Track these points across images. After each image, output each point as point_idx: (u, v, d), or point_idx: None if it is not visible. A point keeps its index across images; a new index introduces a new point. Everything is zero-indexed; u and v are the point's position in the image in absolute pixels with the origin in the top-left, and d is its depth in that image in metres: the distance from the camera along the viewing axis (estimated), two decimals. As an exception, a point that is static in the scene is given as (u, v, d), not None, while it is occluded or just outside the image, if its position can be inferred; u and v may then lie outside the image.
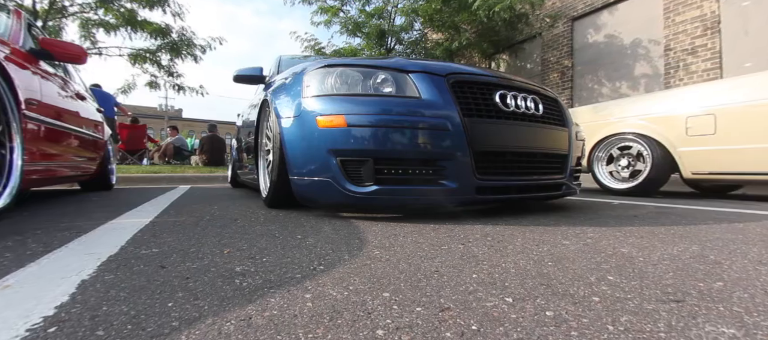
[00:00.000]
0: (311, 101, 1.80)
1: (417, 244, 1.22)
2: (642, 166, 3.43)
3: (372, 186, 1.65)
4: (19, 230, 1.46)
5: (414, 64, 1.84)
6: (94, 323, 0.60)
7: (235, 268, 0.93)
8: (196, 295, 0.74)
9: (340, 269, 0.92)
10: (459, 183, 1.67)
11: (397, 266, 0.95)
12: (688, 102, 3.16)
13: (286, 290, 0.77)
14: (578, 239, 1.31)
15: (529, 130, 1.90)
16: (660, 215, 1.95)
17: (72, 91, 3.19)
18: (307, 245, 1.19)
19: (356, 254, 1.08)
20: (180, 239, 1.29)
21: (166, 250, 1.12)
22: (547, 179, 1.99)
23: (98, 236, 1.35)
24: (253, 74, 3.11)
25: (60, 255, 1.05)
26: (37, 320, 0.61)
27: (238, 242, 1.23)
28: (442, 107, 1.67)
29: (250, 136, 3.56)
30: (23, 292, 0.75)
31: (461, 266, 0.95)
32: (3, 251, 1.10)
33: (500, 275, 0.87)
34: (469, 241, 1.26)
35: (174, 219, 1.74)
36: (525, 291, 0.76)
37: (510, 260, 1.01)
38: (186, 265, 0.96)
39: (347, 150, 1.67)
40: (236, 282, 0.82)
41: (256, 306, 0.68)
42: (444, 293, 0.75)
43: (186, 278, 0.84)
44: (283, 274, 0.88)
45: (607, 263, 0.99)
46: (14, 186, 1.89)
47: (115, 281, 0.82)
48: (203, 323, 0.61)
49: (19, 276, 0.85)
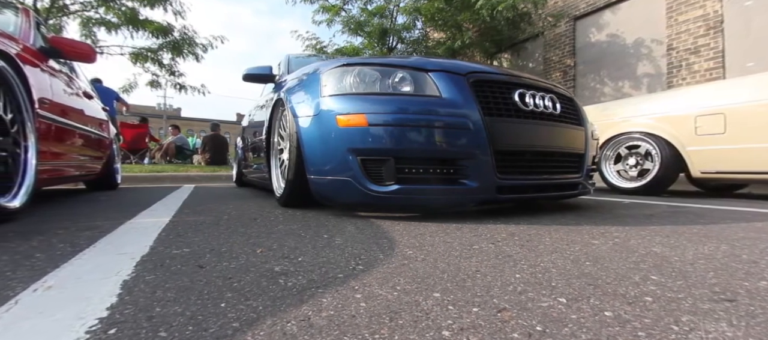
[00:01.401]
0: (330, 100, 1.79)
1: (446, 243, 1.21)
2: (650, 165, 3.44)
3: (393, 185, 1.64)
4: (39, 229, 1.45)
5: (433, 62, 1.84)
6: (153, 325, 0.59)
7: (274, 268, 0.92)
8: (245, 295, 0.73)
9: (379, 269, 0.92)
10: (480, 182, 1.67)
11: (436, 265, 0.95)
12: (698, 101, 3.17)
13: (334, 289, 0.76)
14: (605, 238, 1.30)
15: (548, 130, 1.90)
16: (676, 215, 1.95)
17: (79, 90, 3.17)
18: (336, 245, 1.18)
19: (390, 253, 1.07)
20: (207, 238, 1.28)
21: (197, 250, 1.11)
22: (564, 178, 1.99)
23: (122, 235, 1.34)
24: (262, 73, 3.10)
25: (91, 255, 1.04)
26: (93, 322, 0.60)
27: (266, 242, 1.22)
28: (463, 106, 1.67)
29: (257, 136, 3.56)
30: (68, 293, 0.74)
31: (500, 265, 0.95)
32: (31, 251, 1.09)
33: (543, 275, 0.87)
34: (497, 240, 1.26)
35: (193, 219, 1.73)
36: (575, 291, 0.76)
37: (547, 260, 1.01)
38: (223, 265, 0.95)
39: (368, 149, 1.66)
40: (281, 282, 0.81)
41: (311, 306, 0.67)
42: (494, 293, 0.75)
43: (228, 278, 0.84)
44: (324, 274, 0.87)
45: (645, 263, 0.98)
46: (30, 185, 1.88)
47: (158, 281, 0.81)
48: (263, 323, 0.60)
49: (57, 277, 0.84)
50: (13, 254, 1.05)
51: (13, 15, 2.52)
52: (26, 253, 1.06)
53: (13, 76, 1.80)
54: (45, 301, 0.69)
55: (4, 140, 1.71)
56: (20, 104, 1.87)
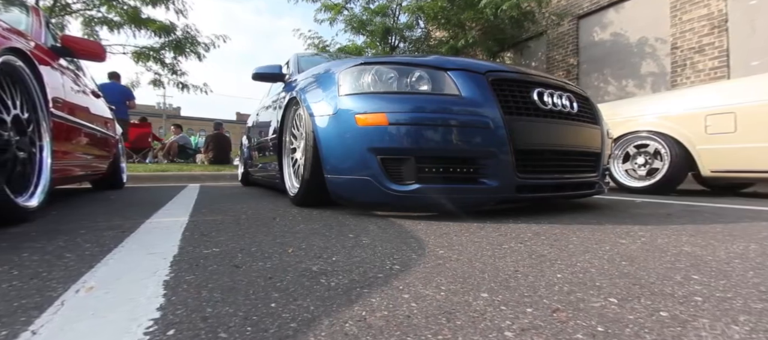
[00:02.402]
0: (347, 100, 1.79)
1: (474, 243, 1.21)
2: (659, 164, 3.44)
3: (414, 185, 1.64)
4: (61, 229, 1.44)
5: (452, 61, 1.83)
6: (210, 326, 0.59)
7: (311, 267, 0.92)
8: (292, 295, 0.72)
9: (417, 268, 0.91)
10: (500, 182, 1.66)
11: (473, 265, 0.94)
12: (708, 100, 3.17)
13: (379, 289, 0.76)
14: (632, 238, 1.30)
15: (566, 128, 1.90)
16: (694, 214, 1.95)
17: (87, 89, 3.16)
18: (365, 245, 1.17)
19: (421, 253, 1.07)
20: (232, 238, 1.27)
21: (227, 249, 1.10)
22: (581, 177, 1.98)
23: (146, 235, 1.33)
24: (272, 72, 3.09)
25: (122, 255, 1.03)
26: (147, 323, 0.60)
27: (293, 241, 1.22)
28: (484, 105, 1.66)
29: (264, 136, 3.55)
30: (112, 294, 0.73)
31: (537, 265, 0.94)
32: (59, 250, 1.08)
33: (584, 275, 0.86)
34: (524, 240, 1.25)
35: (211, 218, 1.72)
36: (622, 291, 0.75)
37: (582, 260, 1.00)
38: (258, 265, 0.94)
39: (388, 148, 1.65)
40: (323, 282, 0.81)
41: (362, 307, 0.67)
42: (541, 293, 0.74)
43: (269, 278, 0.83)
44: (363, 273, 0.87)
45: (680, 262, 0.98)
46: (46, 184, 1.87)
47: (198, 281, 0.81)
48: (320, 323, 0.60)
49: (95, 277, 0.84)
50: (43, 253, 1.05)
51: (23, 14, 2.50)
52: (56, 253, 1.05)
53: (29, 75, 1.79)
54: (92, 302, 0.69)
55: (21, 140, 1.70)
56: (35, 103, 1.87)
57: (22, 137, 1.72)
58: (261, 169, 3.73)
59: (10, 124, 1.61)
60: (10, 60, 1.61)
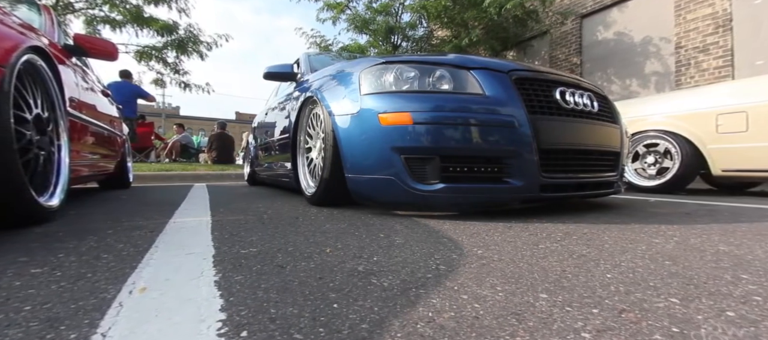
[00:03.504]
0: (370, 99, 1.78)
1: (507, 242, 1.20)
2: (669, 163, 3.44)
3: (438, 184, 1.63)
4: (87, 229, 1.43)
5: (474, 60, 1.83)
6: (280, 327, 0.58)
7: (356, 267, 0.91)
8: (350, 296, 0.72)
9: (463, 269, 0.91)
10: (524, 181, 1.66)
11: (517, 265, 0.94)
12: (719, 99, 3.17)
13: (435, 290, 0.75)
14: (664, 237, 1.30)
15: (587, 128, 1.89)
16: (714, 213, 1.95)
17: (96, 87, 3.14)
18: (400, 245, 1.17)
19: (461, 253, 1.06)
20: (263, 238, 1.26)
21: (264, 249, 1.09)
22: (601, 176, 1.98)
23: (175, 235, 1.32)
24: (284, 71, 3.08)
25: (161, 256, 1.02)
26: (216, 324, 0.59)
27: (327, 241, 1.21)
28: (508, 104, 1.66)
29: (272, 136, 3.54)
30: (167, 295, 0.72)
31: (582, 265, 0.94)
32: (95, 251, 1.07)
33: (634, 275, 0.86)
34: (557, 239, 1.25)
35: (234, 218, 1.71)
36: (680, 291, 0.75)
37: (624, 259, 1.00)
38: (302, 265, 0.94)
39: (412, 147, 1.65)
40: (375, 282, 0.80)
41: (426, 307, 0.66)
42: (600, 293, 0.74)
43: (319, 279, 0.82)
44: (412, 273, 0.86)
45: (723, 262, 0.98)
46: (65, 184, 1.86)
47: (249, 282, 0.80)
48: (391, 324, 0.59)
49: (143, 279, 0.83)
50: (78, 254, 1.04)
51: (36, 13, 2.48)
52: (91, 253, 1.04)
53: (48, 74, 1.78)
54: (149, 303, 0.68)
55: (42, 139, 1.69)
56: (54, 102, 1.85)
57: (43, 137, 1.71)
58: (268, 168, 3.72)
59: (32, 123, 1.60)
60: (32, 59, 1.60)
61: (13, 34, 1.47)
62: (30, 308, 0.66)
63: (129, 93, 6.34)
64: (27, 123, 1.56)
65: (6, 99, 1.32)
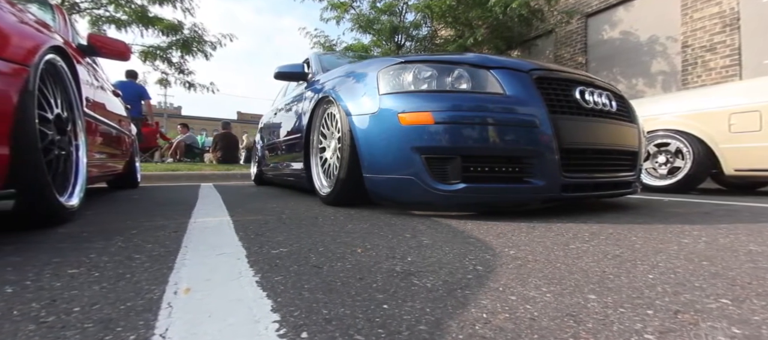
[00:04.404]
0: (389, 99, 1.77)
1: (536, 242, 1.20)
2: (681, 163, 3.43)
3: (459, 184, 1.63)
4: (111, 229, 1.43)
5: (494, 59, 1.82)
6: (338, 327, 0.58)
7: (393, 268, 0.91)
8: (397, 296, 0.71)
9: (501, 269, 0.90)
10: (546, 181, 1.65)
11: (555, 266, 0.93)
12: (731, 99, 3.16)
13: (481, 291, 0.75)
14: (692, 237, 1.29)
15: (606, 127, 1.89)
16: (734, 213, 1.95)
17: (108, 87, 3.15)
18: (429, 245, 1.16)
19: (493, 253, 1.06)
20: (290, 238, 1.26)
21: (294, 250, 1.09)
22: (620, 176, 1.97)
23: (200, 235, 1.32)
24: (295, 71, 3.07)
25: (194, 256, 1.02)
26: (272, 326, 0.59)
27: (355, 241, 1.21)
28: (529, 104, 1.65)
29: (280, 136, 3.54)
30: (213, 296, 0.72)
31: (621, 265, 0.93)
32: (125, 251, 1.07)
33: (676, 276, 0.85)
34: (586, 240, 1.24)
35: (253, 218, 1.71)
36: (728, 292, 0.74)
37: (660, 259, 0.99)
38: (337, 265, 0.93)
39: (434, 147, 1.64)
40: (417, 283, 0.79)
41: (477, 309, 0.66)
42: (647, 294, 0.73)
43: (360, 279, 0.82)
44: (451, 274, 0.86)
45: (761, 262, 0.97)
46: (83, 183, 1.86)
47: (291, 283, 0.80)
48: (448, 325, 0.58)
49: (183, 279, 0.82)
50: (110, 254, 1.03)
51: (49, 13, 2.48)
52: (123, 254, 1.04)
53: (67, 74, 1.77)
54: (198, 304, 0.68)
55: (62, 139, 1.69)
56: (72, 102, 1.85)
57: (63, 136, 1.71)
58: (277, 168, 3.72)
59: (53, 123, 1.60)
60: (53, 59, 1.59)
61: (36, 34, 1.47)
62: (79, 309, 0.65)
63: (134, 93, 6.34)
64: (48, 123, 1.55)
65: (31, 99, 1.32)
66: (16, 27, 1.34)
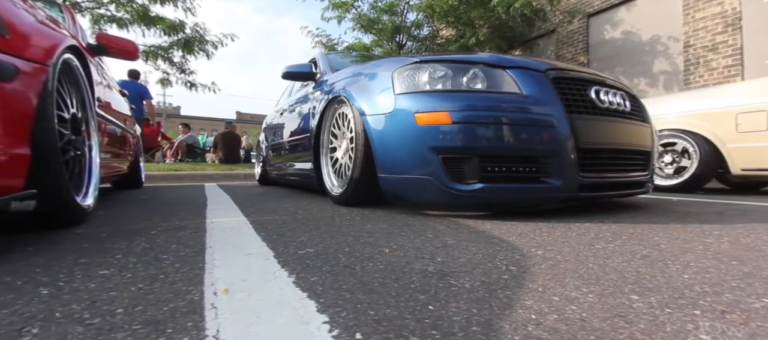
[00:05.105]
0: (405, 98, 1.77)
1: (561, 243, 1.20)
2: (687, 162, 3.44)
3: (477, 184, 1.62)
4: (128, 230, 1.42)
5: (509, 59, 1.82)
6: (390, 328, 0.57)
7: (426, 268, 0.91)
8: (439, 297, 0.71)
9: (534, 270, 0.90)
10: (563, 181, 1.65)
11: (587, 266, 0.93)
12: (739, 99, 3.17)
13: (520, 291, 0.74)
14: (714, 237, 1.29)
15: (621, 127, 1.89)
16: (747, 212, 1.95)
17: (115, 87, 3.13)
18: (453, 245, 1.16)
19: (522, 254, 1.05)
20: (313, 238, 1.25)
21: (320, 250, 1.09)
22: (633, 176, 1.98)
23: (222, 235, 1.31)
24: (303, 71, 3.06)
25: (222, 257, 1.01)
26: (324, 327, 0.58)
27: (379, 242, 1.20)
28: (547, 103, 1.65)
29: (285, 137, 3.53)
30: (255, 297, 0.71)
31: (652, 265, 0.93)
32: (151, 252, 1.06)
33: (711, 276, 0.85)
34: (609, 240, 1.24)
35: (269, 218, 1.70)
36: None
37: (689, 259, 0.99)
38: (369, 265, 0.93)
39: (451, 147, 1.64)
40: (455, 283, 0.79)
41: (523, 309, 0.65)
42: (688, 294, 0.73)
43: (396, 280, 0.81)
44: (486, 274, 0.85)
45: (790, 261, 0.97)
46: (96, 183, 1.86)
47: (328, 283, 0.79)
48: (501, 325, 0.58)
49: (219, 280, 0.82)
50: (137, 255, 1.03)
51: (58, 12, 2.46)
52: (150, 254, 1.04)
53: (81, 73, 1.76)
54: (243, 305, 0.67)
55: (77, 139, 1.68)
56: (85, 102, 1.84)
57: (78, 136, 1.70)
58: (283, 168, 3.71)
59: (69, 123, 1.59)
60: (69, 58, 1.59)
61: (54, 33, 1.46)
62: (122, 310, 0.65)
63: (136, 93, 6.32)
64: (65, 122, 1.55)
65: (50, 98, 1.31)
66: (35, 26, 1.33)
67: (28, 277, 0.84)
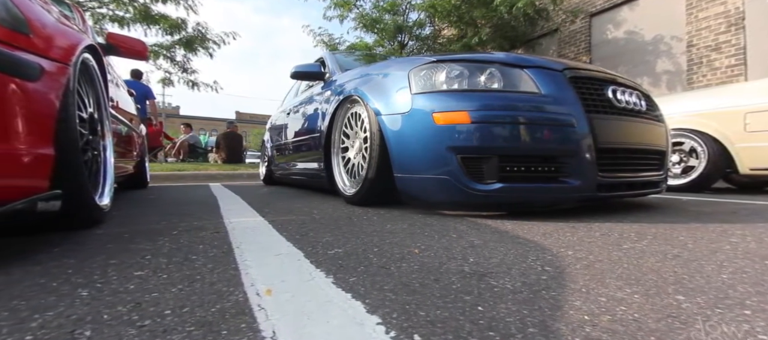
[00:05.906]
0: (422, 98, 1.77)
1: (589, 243, 1.19)
2: (695, 162, 3.44)
3: (496, 184, 1.62)
4: (148, 231, 1.41)
5: (526, 59, 1.82)
6: (446, 330, 0.57)
7: (462, 268, 0.90)
8: (486, 298, 0.71)
9: (571, 270, 0.90)
10: (582, 180, 1.65)
11: (622, 266, 0.93)
12: (747, 98, 3.18)
13: (565, 292, 0.74)
14: (739, 237, 1.29)
15: (637, 126, 1.89)
16: (760, 212, 1.96)
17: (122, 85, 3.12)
18: (480, 245, 1.16)
19: (551, 254, 1.05)
20: (338, 239, 1.25)
21: (348, 250, 1.08)
22: (649, 175, 1.98)
23: (246, 235, 1.31)
24: (312, 71, 3.06)
25: (252, 257, 1.01)
26: (379, 328, 0.58)
27: (403, 242, 1.20)
28: (566, 103, 1.65)
29: (291, 137, 3.52)
30: (299, 298, 0.71)
31: (688, 266, 0.93)
32: (178, 252, 1.06)
33: (747, 275, 0.85)
34: (635, 240, 1.24)
35: (287, 218, 1.70)
36: (812, 291, 0.74)
37: (720, 259, 0.99)
38: (402, 266, 0.92)
39: (470, 147, 1.63)
40: (494, 284, 0.79)
41: (574, 310, 0.65)
42: (734, 294, 0.73)
43: (436, 280, 0.81)
44: (524, 275, 0.85)
45: (822, 261, 0.97)
46: (111, 184, 1.85)
47: (368, 283, 0.79)
48: (558, 328, 0.58)
49: (258, 280, 0.81)
50: (167, 256, 1.02)
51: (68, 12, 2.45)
52: (178, 255, 1.03)
53: (97, 73, 1.76)
54: (290, 306, 0.67)
55: (94, 139, 1.67)
56: (99, 102, 1.83)
57: (95, 136, 1.69)
58: (289, 168, 3.70)
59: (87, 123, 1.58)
60: (86, 58, 1.58)
61: (73, 32, 1.45)
62: (170, 312, 0.64)
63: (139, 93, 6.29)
64: (83, 122, 1.54)
65: (72, 98, 1.30)
66: (55, 25, 1.32)
67: (61, 278, 0.84)
